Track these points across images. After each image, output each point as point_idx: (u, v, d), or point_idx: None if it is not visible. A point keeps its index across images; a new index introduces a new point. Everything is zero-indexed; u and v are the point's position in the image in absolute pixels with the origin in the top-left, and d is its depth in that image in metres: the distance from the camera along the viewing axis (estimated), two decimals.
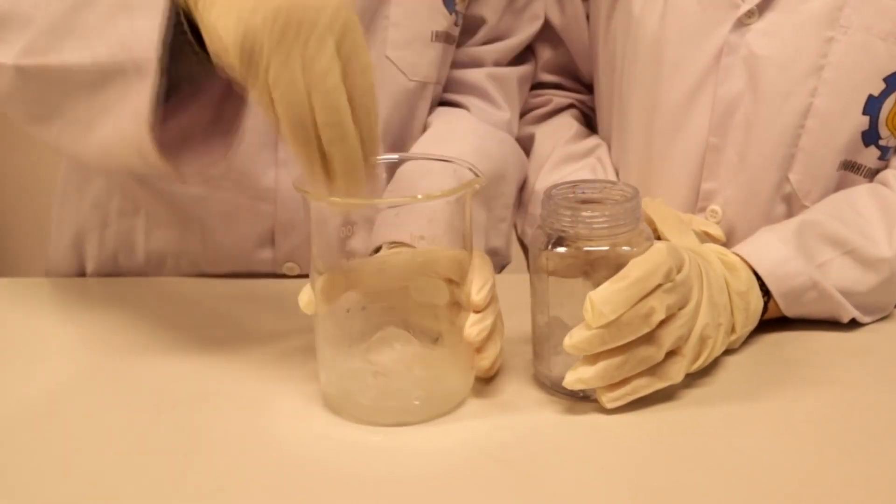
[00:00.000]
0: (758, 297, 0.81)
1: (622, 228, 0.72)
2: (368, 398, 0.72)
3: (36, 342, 0.86)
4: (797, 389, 0.76)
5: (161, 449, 0.69)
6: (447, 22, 0.97)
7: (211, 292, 0.95)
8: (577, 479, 0.66)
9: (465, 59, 1.04)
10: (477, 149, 0.98)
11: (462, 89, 1.04)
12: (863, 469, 0.67)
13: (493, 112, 1.04)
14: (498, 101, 1.05)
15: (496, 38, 1.05)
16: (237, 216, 0.95)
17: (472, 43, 1.04)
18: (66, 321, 0.90)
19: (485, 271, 0.75)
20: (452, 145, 0.97)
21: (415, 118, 0.99)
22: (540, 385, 0.76)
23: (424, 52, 0.96)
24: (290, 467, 0.67)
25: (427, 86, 0.98)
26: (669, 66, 0.95)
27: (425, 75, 0.97)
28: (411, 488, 0.64)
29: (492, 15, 1.03)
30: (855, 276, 0.85)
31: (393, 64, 0.95)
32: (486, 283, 0.74)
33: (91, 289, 0.99)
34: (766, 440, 0.70)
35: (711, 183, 0.95)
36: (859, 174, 0.94)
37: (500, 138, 1.03)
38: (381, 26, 0.94)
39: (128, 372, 0.79)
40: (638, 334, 0.70)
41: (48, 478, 0.66)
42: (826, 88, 0.90)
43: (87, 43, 0.72)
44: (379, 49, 0.94)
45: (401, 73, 0.96)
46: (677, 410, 0.73)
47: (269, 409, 0.74)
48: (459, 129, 1.00)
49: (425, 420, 0.72)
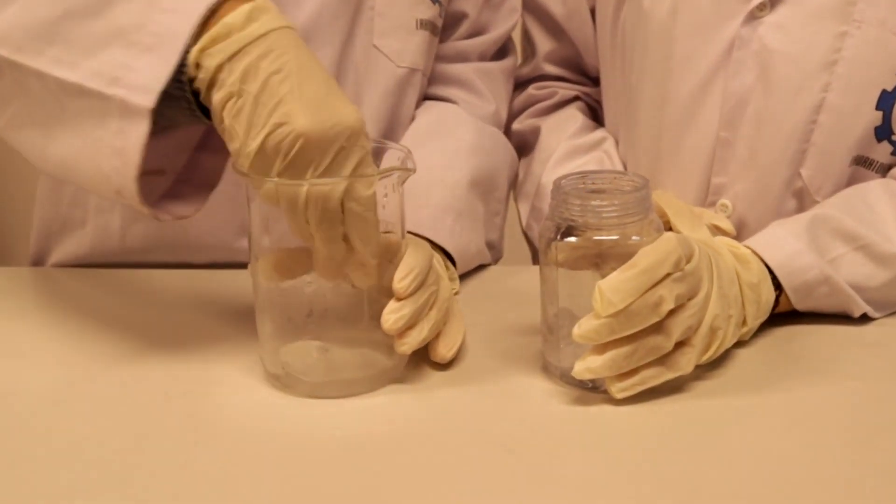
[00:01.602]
0: (769, 289, 0.81)
1: (632, 218, 0.72)
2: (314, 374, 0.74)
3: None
4: (807, 382, 0.76)
5: (160, 439, 0.69)
6: (431, 12, 0.98)
7: (190, 283, 0.94)
8: (585, 469, 0.65)
9: (451, 53, 1.05)
10: (472, 144, 0.99)
11: (448, 82, 1.05)
12: (872, 462, 0.66)
13: (479, 104, 1.05)
14: (484, 93, 1.06)
15: (478, 33, 1.06)
16: (216, 205, 0.95)
17: (455, 38, 1.05)
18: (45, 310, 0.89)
19: (412, 259, 0.74)
20: (448, 140, 0.98)
21: (403, 106, 1.00)
22: (549, 375, 0.76)
23: (410, 39, 0.97)
24: (283, 455, 0.67)
25: (415, 73, 0.99)
26: (680, 59, 0.94)
27: (412, 61, 0.98)
28: (418, 478, 0.64)
29: (472, 9, 1.04)
30: (867, 272, 0.85)
31: (380, 52, 0.96)
32: (410, 271, 0.73)
33: (73, 279, 0.98)
34: (775, 433, 0.69)
35: (722, 178, 0.95)
36: (871, 170, 0.93)
37: (490, 132, 1.04)
38: (367, 17, 0.95)
39: (107, 363, 0.79)
40: (647, 324, 0.70)
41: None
42: (839, 83, 0.90)
43: (73, 59, 0.71)
44: (366, 38, 0.95)
45: (388, 60, 0.97)
46: (687, 402, 0.73)
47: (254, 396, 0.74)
48: (453, 124, 1.01)
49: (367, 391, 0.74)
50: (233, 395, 0.74)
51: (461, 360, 0.79)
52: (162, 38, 0.68)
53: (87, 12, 0.71)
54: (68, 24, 0.71)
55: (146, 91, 0.68)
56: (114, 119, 0.69)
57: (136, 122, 0.68)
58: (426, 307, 0.75)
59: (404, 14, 0.97)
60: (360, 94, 0.96)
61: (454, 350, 0.78)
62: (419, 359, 0.77)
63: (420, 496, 0.62)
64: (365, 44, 0.95)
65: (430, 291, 0.75)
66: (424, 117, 1.02)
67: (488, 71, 1.07)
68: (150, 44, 0.69)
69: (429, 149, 0.94)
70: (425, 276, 0.75)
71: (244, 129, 0.67)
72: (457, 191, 0.95)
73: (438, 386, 0.76)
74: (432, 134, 0.99)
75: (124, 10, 0.70)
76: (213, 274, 0.95)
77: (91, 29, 0.70)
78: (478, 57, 1.07)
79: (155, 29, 0.69)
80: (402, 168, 0.73)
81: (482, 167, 0.99)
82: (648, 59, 0.97)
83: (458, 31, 1.05)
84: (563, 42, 1.09)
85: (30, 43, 0.72)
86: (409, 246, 0.75)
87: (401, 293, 0.72)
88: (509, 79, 1.10)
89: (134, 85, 0.68)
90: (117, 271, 0.97)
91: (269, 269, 0.74)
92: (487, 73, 1.07)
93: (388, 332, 0.72)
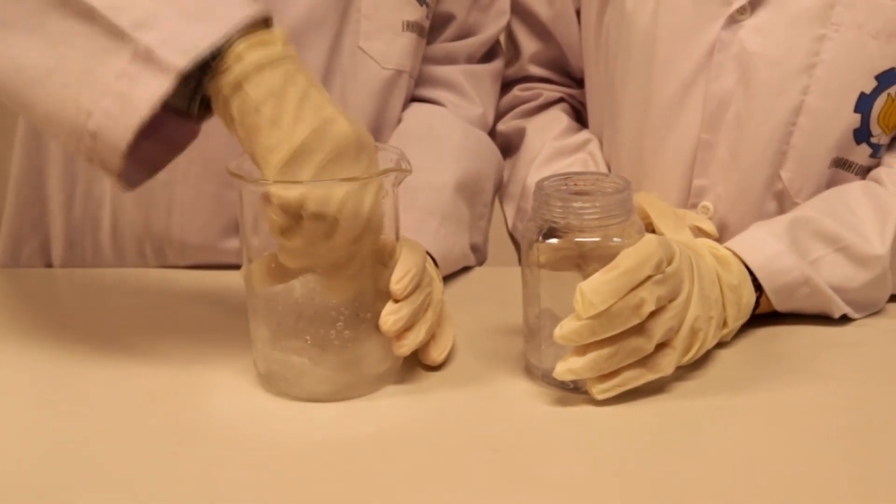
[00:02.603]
0: (750, 291, 0.81)
1: (613, 220, 0.72)
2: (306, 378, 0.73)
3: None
4: (787, 382, 0.77)
5: (143, 440, 0.69)
6: (418, 14, 0.98)
7: (174, 284, 0.94)
8: (567, 469, 0.66)
9: (439, 54, 1.05)
10: (459, 146, 1.00)
11: (436, 84, 1.05)
12: (851, 460, 0.67)
13: (466, 107, 1.05)
14: (471, 95, 1.06)
15: (466, 35, 1.06)
16: (202, 204, 0.95)
17: (442, 39, 1.05)
18: (29, 312, 0.89)
19: (409, 260, 0.74)
20: (435, 143, 0.98)
21: (389, 108, 1.00)
22: (531, 376, 0.77)
23: (396, 41, 0.97)
24: (265, 455, 0.67)
25: (401, 74, 0.99)
26: (661, 62, 0.95)
27: (397, 63, 0.98)
28: (404, 480, 0.65)
29: (459, 10, 1.04)
30: (847, 273, 0.85)
31: (365, 54, 0.96)
32: (407, 272, 0.73)
33: (55, 279, 0.98)
34: (756, 432, 0.70)
35: (703, 179, 0.96)
36: (851, 172, 0.94)
37: (477, 135, 1.04)
38: (354, 19, 0.95)
39: (101, 364, 0.79)
40: (628, 325, 0.70)
41: None
42: (818, 86, 0.91)
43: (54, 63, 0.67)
44: (352, 40, 0.95)
45: (374, 62, 0.97)
46: (668, 402, 0.73)
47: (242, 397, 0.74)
48: (440, 126, 1.01)
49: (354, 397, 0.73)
50: (218, 396, 0.74)
51: (444, 361, 0.79)
52: (216, 15, 0.67)
53: None
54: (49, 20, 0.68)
55: (182, 52, 0.66)
56: (120, 60, 0.66)
57: (156, 76, 0.66)
58: (422, 308, 0.75)
59: (390, 16, 0.97)
60: (346, 96, 0.96)
61: (445, 353, 0.78)
62: (403, 360, 0.78)
63: (403, 496, 0.63)
64: (351, 46, 0.95)
65: (426, 293, 0.75)
66: (411, 119, 1.02)
67: (476, 73, 1.07)
68: (193, 12, 0.67)
69: (415, 151, 0.94)
70: (421, 277, 0.75)
71: (289, 123, 0.67)
72: (443, 194, 0.95)
73: (422, 387, 0.76)
74: (419, 136, 0.99)
75: None
76: (199, 274, 0.96)
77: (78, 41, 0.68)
78: (465, 59, 1.07)
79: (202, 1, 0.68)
80: (398, 169, 0.73)
81: (468, 170, 0.99)
82: (631, 62, 0.98)
83: (445, 33, 1.05)
84: (549, 44, 1.09)
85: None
86: (403, 247, 0.75)
87: (398, 294, 0.72)
88: (496, 81, 1.10)
89: (167, 39, 0.66)
90: (100, 271, 0.97)
91: (262, 272, 0.74)
92: (475, 76, 1.07)
93: (387, 333, 0.72)
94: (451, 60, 1.06)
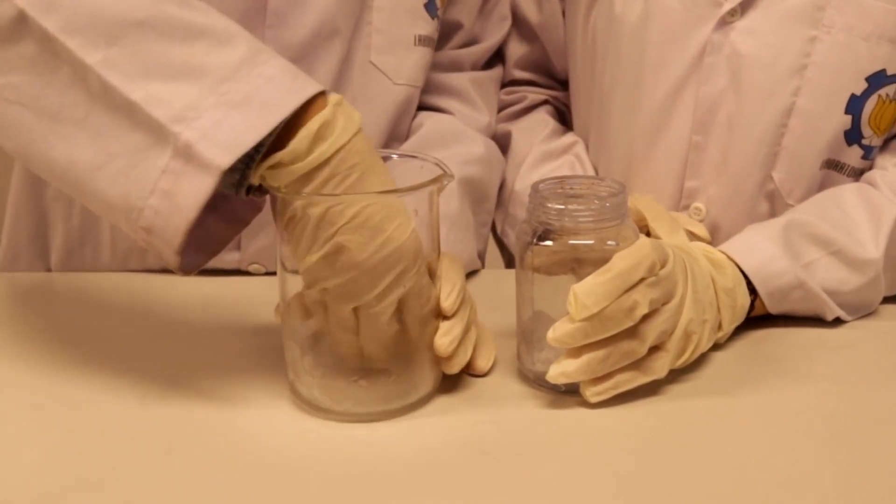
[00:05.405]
0: (744, 294, 0.81)
1: (608, 223, 0.72)
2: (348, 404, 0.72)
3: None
4: (781, 384, 0.77)
5: (136, 445, 0.69)
6: (430, 27, 0.97)
7: (175, 288, 0.94)
8: (560, 472, 0.65)
9: (445, 62, 1.04)
10: (471, 154, 0.99)
11: (445, 93, 1.04)
12: (845, 461, 0.67)
13: (475, 116, 1.05)
14: (478, 104, 1.06)
15: (471, 42, 1.06)
16: None
17: (449, 47, 1.04)
18: (28, 316, 0.89)
19: (452, 275, 0.74)
20: (450, 151, 0.97)
21: (401, 122, 0.99)
22: (524, 379, 0.76)
23: (407, 56, 0.96)
24: (268, 463, 0.66)
25: (411, 89, 0.98)
26: (652, 65, 0.95)
27: (408, 78, 0.97)
28: (395, 481, 0.64)
29: (467, 19, 1.04)
30: (840, 277, 0.85)
31: (377, 69, 0.95)
32: (454, 288, 0.73)
33: (55, 284, 0.97)
34: (749, 434, 0.70)
35: (694, 181, 0.96)
36: (843, 173, 0.94)
37: (487, 144, 1.04)
38: (365, 32, 0.94)
39: (95, 368, 0.79)
40: (621, 328, 0.70)
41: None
42: (809, 88, 0.91)
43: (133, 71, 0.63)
44: (363, 55, 0.94)
45: (385, 77, 0.96)
46: (661, 405, 0.73)
47: (240, 405, 0.73)
48: (460, 134, 1.01)
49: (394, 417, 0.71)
50: (211, 403, 0.74)
51: None
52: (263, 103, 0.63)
53: (171, 33, 0.64)
54: (143, 33, 0.64)
55: (226, 148, 0.62)
56: (163, 156, 0.63)
57: (197, 173, 0.63)
58: (470, 324, 0.75)
59: (403, 30, 0.95)
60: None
61: (492, 361, 0.77)
62: None
63: (393, 497, 0.62)
64: (362, 60, 0.94)
65: (470, 306, 0.75)
66: (423, 129, 1.01)
67: (481, 81, 1.07)
68: (238, 101, 0.63)
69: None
70: (465, 292, 0.74)
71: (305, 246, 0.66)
72: (451, 201, 0.95)
73: None
74: (434, 143, 0.98)
75: (213, 50, 0.64)
76: (198, 281, 0.95)
77: (167, 51, 0.64)
78: (471, 66, 1.06)
79: (248, 89, 0.63)
80: (444, 175, 0.70)
81: (478, 178, 0.99)
82: (620, 65, 0.97)
83: (452, 41, 1.04)
84: (534, 46, 1.09)
85: (88, 31, 0.63)
86: (443, 261, 0.74)
87: (448, 310, 0.72)
88: (498, 88, 1.10)
89: (208, 133, 0.62)
90: (95, 275, 0.97)
91: (300, 310, 0.72)
92: (481, 83, 1.06)
93: (443, 355, 0.72)
94: (456, 67, 1.05)
